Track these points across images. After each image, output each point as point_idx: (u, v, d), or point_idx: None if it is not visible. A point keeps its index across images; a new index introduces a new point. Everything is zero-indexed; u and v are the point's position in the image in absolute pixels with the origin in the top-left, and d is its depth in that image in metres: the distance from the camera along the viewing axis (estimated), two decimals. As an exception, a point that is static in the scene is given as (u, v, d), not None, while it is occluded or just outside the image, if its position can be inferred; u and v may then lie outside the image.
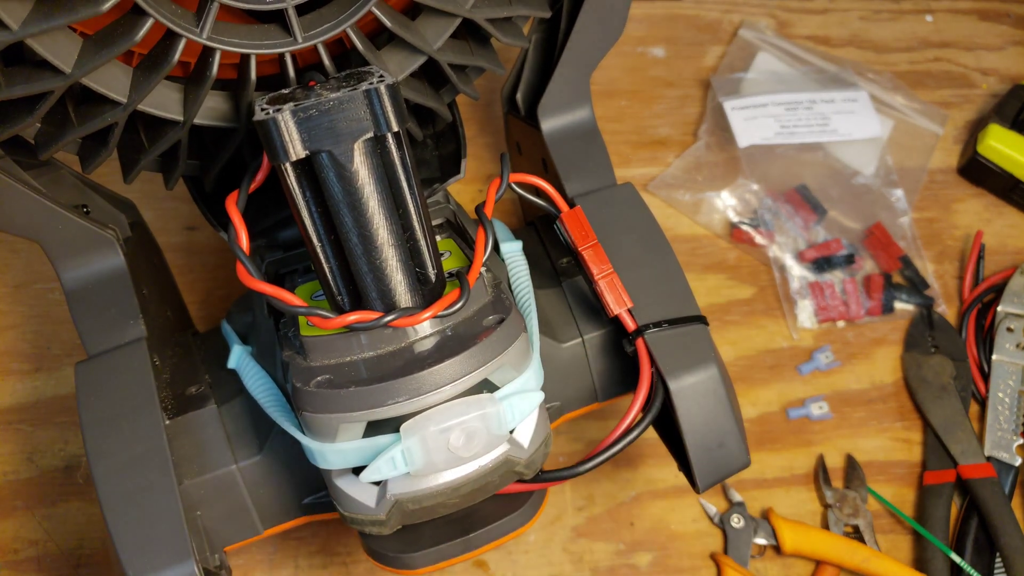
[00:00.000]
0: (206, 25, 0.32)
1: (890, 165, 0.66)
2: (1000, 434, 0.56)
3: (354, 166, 0.30)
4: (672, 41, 0.72)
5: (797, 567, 0.53)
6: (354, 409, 0.31)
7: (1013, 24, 0.75)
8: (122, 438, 0.36)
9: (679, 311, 0.38)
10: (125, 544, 0.35)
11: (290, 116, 0.29)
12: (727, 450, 0.37)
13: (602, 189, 0.43)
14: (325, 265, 0.32)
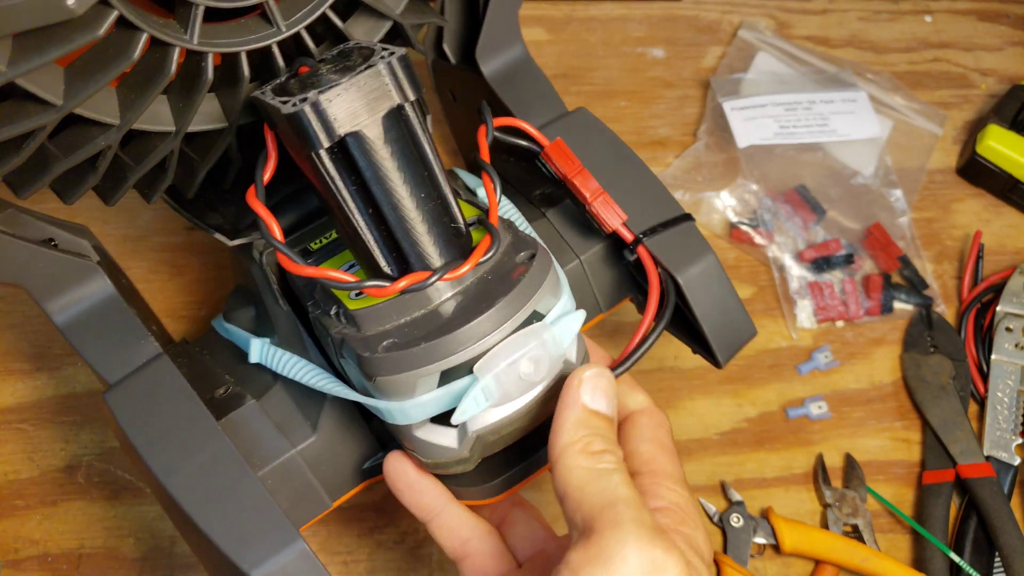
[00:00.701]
0: (195, 30, 0.32)
1: (889, 165, 0.66)
2: (999, 434, 0.56)
3: (384, 139, 0.32)
4: (672, 42, 0.72)
5: (796, 566, 0.53)
6: (430, 362, 0.33)
7: (1012, 24, 0.75)
8: (185, 449, 0.36)
9: (666, 214, 0.41)
10: (229, 543, 0.35)
11: (319, 104, 0.30)
12: (736, 324, 0.41)
13: (559, 118, 0.45)
14: (369, 238, 0.33)
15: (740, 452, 0.56)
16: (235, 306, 0.44)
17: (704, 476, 0.55)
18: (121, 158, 0.36)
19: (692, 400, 0.58)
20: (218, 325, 0.46)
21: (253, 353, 0.41)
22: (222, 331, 0.45)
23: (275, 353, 0.40)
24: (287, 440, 0.40)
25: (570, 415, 0.33)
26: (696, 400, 0.58)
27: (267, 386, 0.41)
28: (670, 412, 0.57)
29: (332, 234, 0.41)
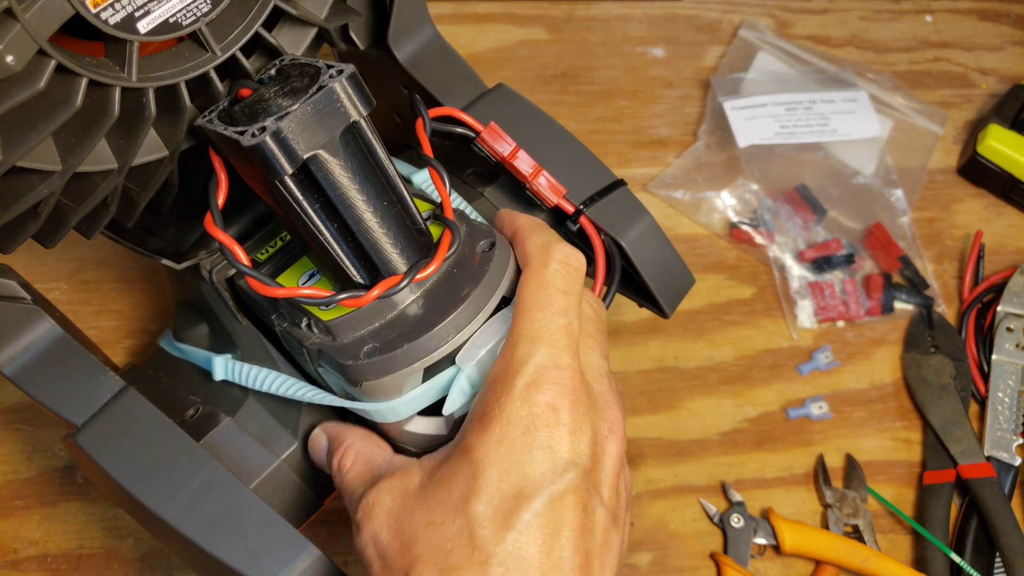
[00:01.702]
0: (132, 68, 0.32)
1: (890, 165, 0.66)
2: (1000, 434, 0.56)
3: (344, 156, 0.32)
4: (672, 41, 0.72)
5: (797, 567, 0.53)
6: (413, 361, 0.34)
7: (1013, 24, 0.75)
8: (177, 480, 0.36)
9: (601, 182, 0.43)
10: (241, 560, 0.35)
11: (280, 132, 0.30)
12: (678, 277, 0.44)
13: (481, 97, 0.45)
14: (337, 250, 0.34)
15: (740, 452, 0.56)
16: (185, 324, 0.44)
17: (704, 476, 0.55)
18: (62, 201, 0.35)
19: (692, 400, 0.58)
20: (168, 345, 0.45)
21: (218, 371, 0.40)
22: (174, 350, 0.45)
23: (242, 368, 0.40)
24: (270, 451, 0.39)
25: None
26: (696, 400, 0.58)
27: (238, 401, 0.40)
28: (670, 412, 0.57)
29: (277, 241, 0.41)
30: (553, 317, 0.33)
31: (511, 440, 0.30)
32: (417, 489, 0.32)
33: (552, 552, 0.29)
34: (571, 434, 0.31)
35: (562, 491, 0.30)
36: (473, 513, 0.29)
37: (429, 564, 0.29)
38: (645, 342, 0.59)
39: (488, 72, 0.69)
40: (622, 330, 0.60)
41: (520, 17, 0.72)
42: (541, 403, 0.31)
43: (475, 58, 0.70)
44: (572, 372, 0.32)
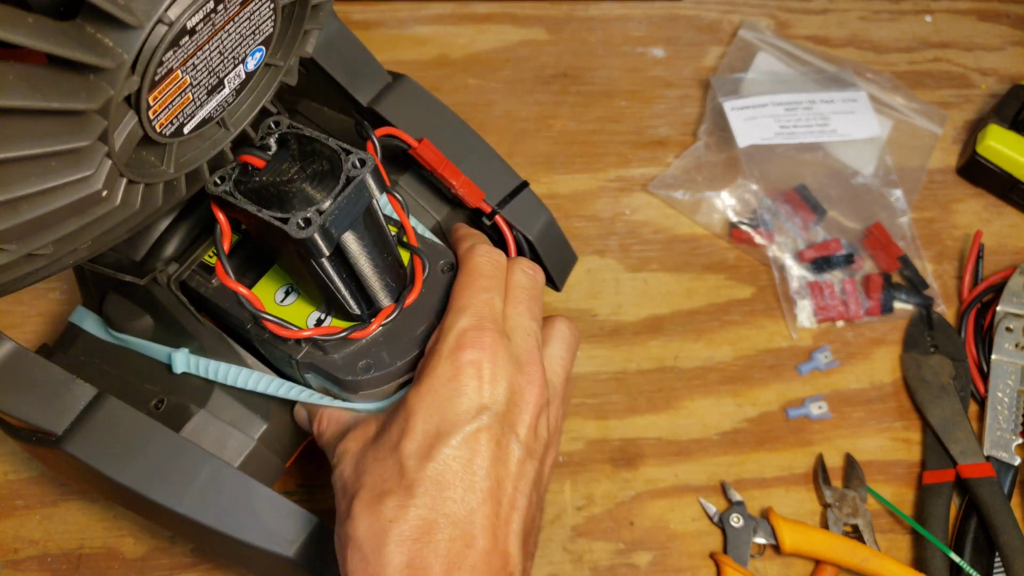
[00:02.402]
0: (171, 161, 0.35)
1: (889, 165, 0.66)
2: (999, 434, 0.56)
3: (361, 229, 0.37)
4: (672, 41, 0.72)
5: (796, 566, 0.53)
6: (404, 374, 0.40)
7: (1012, 24, 0.75)
8: (181, 475, 0.38)
9: (509, 185, 0.48)
10: (262, 539, 0.39)
11: (326, 226, 0.34)
12: (567, 258, 0.51)
13: (388, 89, 0.48)
14: (344, 293, 0.39)
15: (740, 452, 0.56)
16: (124, 316, 0.45)
17: (704, 476, 0.55)
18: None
19: (692, 400, 0.58)
20: (98, 330, 0.46)
21: (178, 365, 0.43)
22: (110, 338, 0.46)
23: (208, 364, 0.42)
24: (246, 434, 0.43)
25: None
26: (696, 400, 0.58)
27: (205, 391, 0.43)
28: (670, 412, 0.57)
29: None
30: (476, 293, 0.39)
31: (436, 391, 0.36)
32: (372, 435, 0.38)
33: (467, 476, 0.35)
34: (488, 383, 0.36)
35: (476, 429, 0.36)
36: (404, 450, 0.36)
37: (369, 489, 0.35)
38: (645, 342, 0.59)
39: (488, 72, 0.69)
40: (622, 330, 0.60)
41: (520, 17, 0.72)
42: (463, 360, 0.36)
43: (475, 58, 0.70)
44: (492, 333, 0.37)
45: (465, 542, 0.34)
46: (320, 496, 0.53)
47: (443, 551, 0.34)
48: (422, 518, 0.34)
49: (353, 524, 0.35)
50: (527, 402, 0.38)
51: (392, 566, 0.33)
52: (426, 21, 0.71)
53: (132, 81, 0.29)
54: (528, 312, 0.41)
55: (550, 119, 0.68)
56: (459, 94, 0.68)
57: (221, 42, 0.33)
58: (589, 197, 0.65)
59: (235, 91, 0.36)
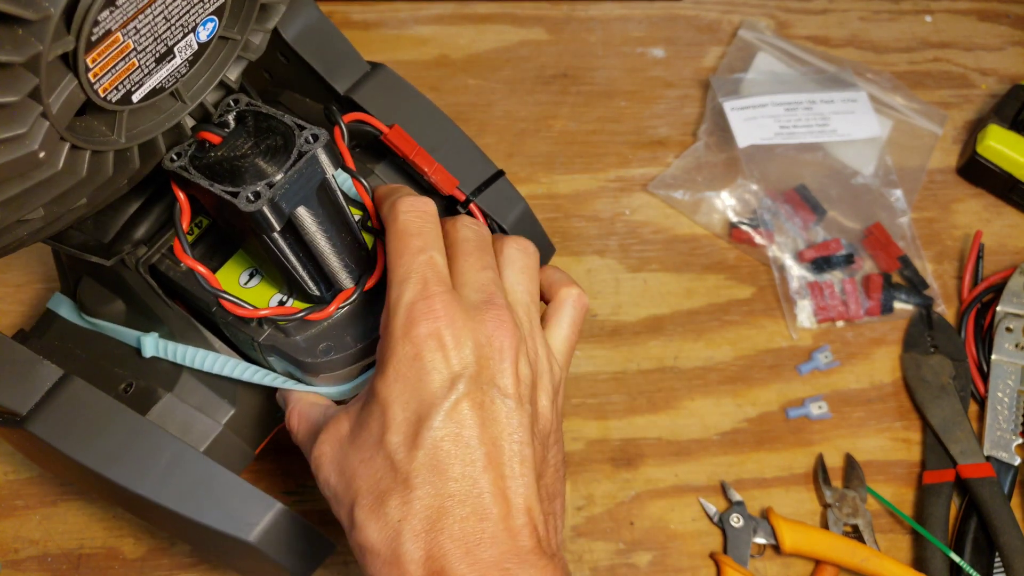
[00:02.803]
0: (122, 131, 0.35)
1: (889, 165, 0.66)
2: (999, 434, 0.56)
3: (315, 206, 0.37)
4: (672, 41, 0.72)
5: (796, 566, 0.53)
6: (365, 357, 0.40)
7: (1012, 24, 0.75)
8: (142, 457, 0.39)
9: (484, 173, 0.48)
10: (223, 522, 0.39)
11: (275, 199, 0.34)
12: (544, 249, 0.50)
13: (366, 78, 0.48)
14: (302, 273, 0.39)
15: (740, 452, 0.56)
16: (96, 300, 0.45)
17: (704, 476, 0.55)
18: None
19: (692, 400, 0.58)
20: (71, 315, 0.46)
21: (147, 349, 0.43)
22: (83, 323, 0.46)
23: (176, 348, 0.42)
24: (213, 419, 0.43)
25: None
26: (696, 400, 0.58)
27: (172, 375, 0.43)
28: (670, 412, 0.57)
29: (194, 229, 0.43)
30: (413, 257, 0.36)
31: (403, 375, 0.35)
32: (348, 434, 0.36)
33: (460, 451, 0.34)
34: (453, 350, 0.35)
35: (455, 401, 0.34)
36: (389, 444, 0.34)
37: (366, 494, 0.34)
38: (645, 342, 0.59)
39: (488, 72, 0.69)
40: (622, 330, 0.60)
41: (520, 18, 0.72)
42: (420, 335, 0.35)
43: (475, 58, 0.70)
44: (441, 298, 0.35)
45: (478, 516, 0.33)
46: (321, 496, 0.53)
47: (458, 533, 0.33)
48: (429, 507, 0.33)
49: (363, 533, 0.34)
50: (499, 349, 0.36)
51: (414, 563, 0.33)
52: (426, 21, 0.71)
53: (67, 40, 0.29)
54: (478, 263, 0.38)
55: (550, 119, 0.68)
56: (459, 94, 0.68)
57: (165, 7, 0.32)
58: (589, 197, 0.65)
59: (188, 62, 0.36)
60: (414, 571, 0.33)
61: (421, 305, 0.35)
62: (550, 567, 0.34)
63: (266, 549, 0.39)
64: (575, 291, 0.42)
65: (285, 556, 0.40)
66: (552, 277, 0.43)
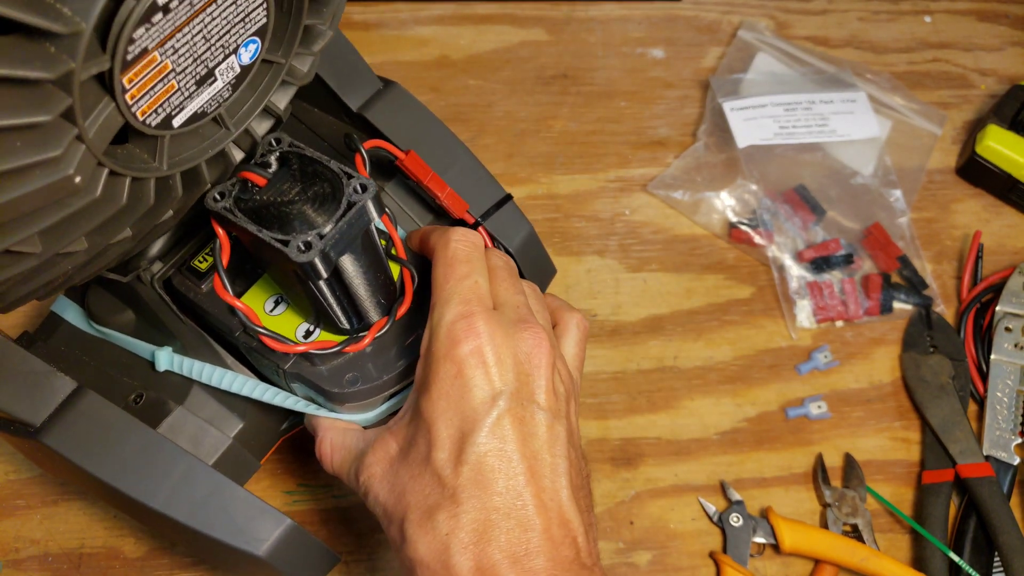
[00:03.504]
0: (163, 158, 0.34)
1: (889, 165, 0.66)
2: (998, 433, 0.56)
3: (358, 252, 0.38)
4: (671, 42, 0.72)
5: (796, 566, 0.53)
6: (389, 388, 0.41)
7: (1011, 25, 0.75)
8: (154, 471, 0.39)
9: (494, 197, 0.49)
10: (232, 536, 0.39)
11: (326, 250, 0.35)
12: (546, 271, 0.52)
13: (378, 96, 0.48)
14: (336, 309, 0.39)
15: (740, 452, 0.56)
16: (106, 309, 0.46)
17: (704, 476, 0.55)
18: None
19: (692, 400, 0.58)
20: (78, 321, 0.47)
21: (161, 363, 0.43)
22: (92, 331, 0.46)
23: (191, 364, 0.43)
24: (222, 432, 0.43)
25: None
26: (696, 400, 0.58)
27: (183, 388, 0.43)
28: (670, 412, 0.57)
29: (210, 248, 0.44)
30: (459, 281, 0.38)
31: (446, 393, 0.36)
32: (397, 453, 0.38)
33: (503, 466, 0.35)
34: (495, 367, 0.36)
35: (497, 417, 0.35)
36: (436, 461, 0.35)
37: (416, 509, 0.35)
38: (645, 342, 0.60)
39: (488, 73, 0.70)
40: (622, 330, 0.60)
41: (520, 18, 0.72)
42: (462, 353, 0.36)
43: (476, 59, 0.70)
44: (482, 315, 0.37)
45: (522, 528, 0.34)
46: (321, 496, 0.53)
47: (504, 544, 0.34)
48: (476, 520, 0.34)
49: (412, 547, 0.35)
50: (537, 366, 0.37)
51: (464, 574, 0.34)
52: (427, 22, 0.72)
53: (102, 60, 0.28)
54: (512, 288, 0.40)
55: (550, 119, 0.68)
56: (459, 95, 0.69)
57: (204, 26, 0.32)
58: (589, 197, 0.65)
59: (230, 85, 0.35)
60: None
61: (463, 324, 0.36)
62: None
63: (276, 563, 0.40)
64: (577, 315, 0.44)
65: (293, 569, 0.40)
66: (554, 304, 0.44)
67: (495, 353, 0.36)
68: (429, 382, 0.36)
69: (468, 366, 0.36)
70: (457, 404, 0.36)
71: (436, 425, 0.36)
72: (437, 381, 0.36)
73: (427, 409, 0.36)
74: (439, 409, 0.36)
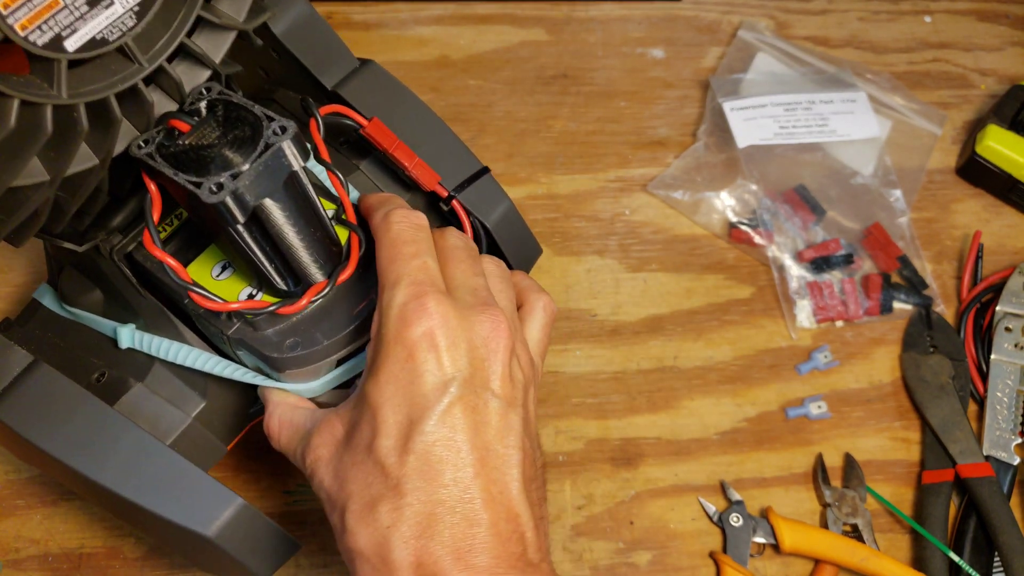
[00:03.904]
0: (62, 85, 0.32)
1: (888, 165, 0.66)
2: (998, 433, 0.56)
3: (283, 199, 0.36)
4: (671, 42, 0.72)
5: (796, 566, 0.53)
6: (332, 354, 0.39)
7: (1011, 25, 0.75)
8: (104, 446, 0.38)
9: (469, 170, 0.47)
10: (180, 515, 0.38)
11: (238, 191, 0.34)
12: (530, 250, 0.50)
13: (353, 74, 0.47)
14: (268, 268, 0.38)
15: (740, 452, 0.56)
16: (76, 289, 0.45)
17: (704, 476, 0.55)
18: None
19: (692, 400, 0.58)
20: (54, 304, 0.46)
21: (123, 340, 0.42)
22: (63, 312, 0.46)
23: (150, 340, 0.42)
24: (182, 411, 0.42)
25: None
26: (696, 400, 0.58)
27: (144, 366, 0.43)
28: (670, 412, 0.57)
29: (173, 220, 0.43)
30: (406, 262, 0.36)
31: (395, 378, 0.34)
32: (343, 437, 0.36)
33: (452, 456, 0.34)
34: (446, 351, 0.34)
35: (448, 405, 0.34)
36: (380, 449, 0.34)
37: (357, 498, 0.34)
38: (645, 342, 0.60)
39: (489, 73, 0.70)
40: (622, 330, 0.60)
41: (520, 18, 0.72)
42: (412, 336, 0.34)
43: (475, 59, 0.70)
44: (433, 297, 0.35)
45: (468, 523, 0.33)
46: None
47: (448, 539, 0.33)
48: (419, 513, 0.33)
49: (353, 538, 0.34)
50: (494, 352, 0.35)
51: (403, 571, 0.33)
52: (427, 22, 0.72)
53: None
54: (470, 269, 0.38)
55: (550, 119, 0.68)
56: (459, 95, 0.69)
57: None
58: (589, 197, 0.65)
59: (133, 13, 0.33)
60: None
61: (414, 305, 0.35)
62: (537, 574, 0.34)
63: (225, 546, 0.38)
64: (544, 297, 0.42)
65: (246, 553, 0.39)
66: (522, 284, 0.43)
67: (448, 337, 0.34)
68: (377, 365, 0.35)
69: (419, 350, 0.34)
70: (406, 390, 0.34)
71: (382, 411, 0.34)
72: (386, 364, 0.34)
73: (373, 393, 0.35)
74: (386, 394, 0.34)
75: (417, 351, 0.34)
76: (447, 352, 0.34)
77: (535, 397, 0.39)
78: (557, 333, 0.59)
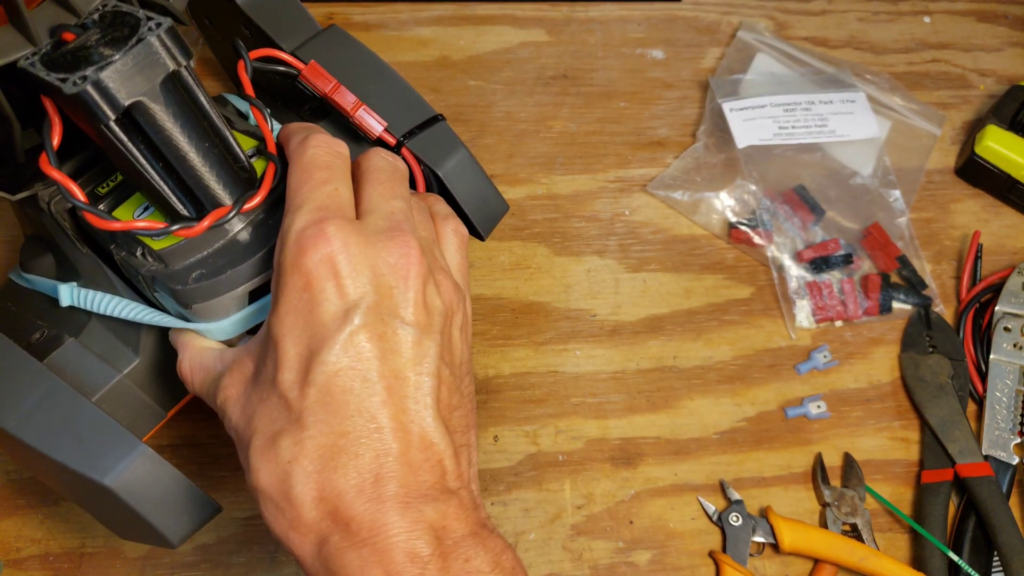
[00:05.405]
0: None
1: (888, 165, 0.66)
2: (997, 433, 0.56)
3: (165, 103, 0.34)
4: (671, 43, 0.73)
5: (795, 565, 0.53)
6: (237, 285, 0.38)
7: (1011, 25, 0.75)
8: (16, 393, 0.37)
9: (420, 117, 0.46)
10: (78, 462, 0.36)
11: (100, 81, 0.32)
12: (491, 203, 0.48)
13: (314, 37, 0.47)
14: (164, 187, 0.37)
15: (739, 451, 0.56)
16: (31, 256, 0.45)
17: (703, 475, 0.55)
18: None
19: (691, 400, 0.58)
20: (17, 277, 0.47)
21: (63, 297, 0.42)
22: (23, 282, 0.46)
23: (86, 294, 0.42)
24: (112, 367, 0.42)
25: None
26: (695, 400, 0.58)
27: (81, 323, 0.42)
28: (669, 411, 0.57)
29: (117, 176, 0.42)
30: (315, 188, 0.35)
31: (294, 307, 0.33)
32: (251, 374, 0.35)
33: (356, 386, 0.32)
34: (348, 277, 0.33)
35: (350, 333, 0.32)
36: (282, 382, 0.33)
37: (261, 434, 0.33)
38: (644, 341, 0.60)
39: (488, 73, 0.70)
40: (621, 330, 0.60)
41: (520, 19, 0.73)
42: (309, 263, 0.33)
43: (475, 60, 0.70)
44: (335, 223, 0.33)
45: (375, 454, 0.32)
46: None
47: (352, 472, 0.32)
48: (322, 446, 0.32)
49: (255, 476, 0.33)
50: (403, 278, 0.34)
51: (305, 506, 0.32)
52: (427, 23, 0.72)
53: None
54: (389, 192, 0.36)
55: (550, 120, 0.68)
56: (459, 95, 0.69)
57: None
58: (589, 197, 0.65)
59: None
60: (307, 513, 0.32)
61: (312, 230, 0.33)
62: (454, 500, 0.33)
63: (127, 498, 0.36)
64: (452, 221, 0.41)
65: (151, 509, 0.37)
66: (434, 207, 0.41)
67: (349, 263, 0.33)
68: (277, 296, 0.33)
69: (317, 277, 0.33)
70: (305, 320, 0.33)
71: (283, 343, 0.33)
72: (285, 295, 0.33)
73: (275, 326, 0.33)
74: (287, 326, 0.33)
75: (314, 279, 0.33)
76: (349, 279, 0.33)
77: (464, 324, 0.38)
78: (557, 333, 0.59)
